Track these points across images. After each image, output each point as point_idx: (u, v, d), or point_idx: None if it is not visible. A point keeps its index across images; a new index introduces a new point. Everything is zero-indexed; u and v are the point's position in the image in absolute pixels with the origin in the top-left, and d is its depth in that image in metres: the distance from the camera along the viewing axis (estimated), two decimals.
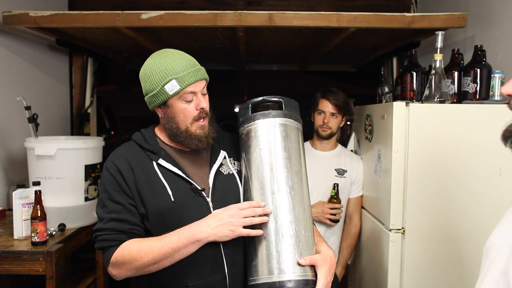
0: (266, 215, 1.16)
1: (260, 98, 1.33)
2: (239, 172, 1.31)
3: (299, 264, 1.11)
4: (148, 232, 1.22)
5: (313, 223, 1.28)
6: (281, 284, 1.09)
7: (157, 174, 1.23)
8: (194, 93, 1.22)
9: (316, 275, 1.13)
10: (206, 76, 1.27)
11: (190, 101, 1.23)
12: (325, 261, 1.14)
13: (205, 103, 1.24)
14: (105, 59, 3.13)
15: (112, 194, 1.21)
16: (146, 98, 1.27)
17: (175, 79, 1.19)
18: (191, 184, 1.23)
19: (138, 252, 1.14)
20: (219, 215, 1.15)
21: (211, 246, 1.23)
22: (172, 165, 1.24)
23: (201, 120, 1.25)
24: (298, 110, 1.33)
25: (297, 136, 1.28)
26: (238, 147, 1.34)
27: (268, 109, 1.30)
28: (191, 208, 1.19)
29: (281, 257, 1.12)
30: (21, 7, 2.04)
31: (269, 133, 1.24)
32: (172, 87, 1.20)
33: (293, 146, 1.24)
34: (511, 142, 0.72)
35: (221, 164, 1.31)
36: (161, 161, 1.24)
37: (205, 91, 1.26)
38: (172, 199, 1.20)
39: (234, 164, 1.34)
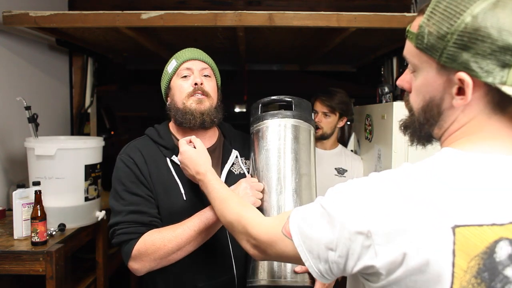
0: None
1: (270, 98, 1.33)
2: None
3: (295, 272, 1.11)
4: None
5: None
6: None
7: (171, 171, 1.23)
8: (190, 69, 1.26)
9: (314, 282, 1.14)
10: (208, 60, 1.30)
11: (186, 78, 1.26)
12: None
13: (200, 79, 1.25)
14: (105, 59, 3.12)
15: (129, 185, 1.19)
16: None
17: (174, 58, 1.29)
18: None
19: (161, 240, 1.11)
20: (235, 191, 1.15)
21: (221, 248, 1.23)
22: None
23: (198, 95, 1.24)
24: (310, 110, 1.32)
25: (306, 137, 1.26)
26: (249, 146, 1.34)
27: (281, 108, 1.29)
28: (203, 207, 1.18)
29: (279, 261, 1.12)
30: (21, 7, 2.04)
31: (277, 133, 1.22)
32: (171, 66, 1.28)
33: (301, 148, 1.22)
34: (409, 133, 0.78)
35: (233, 164, 1.31)
36: (175, 158, 1.24)
37: (208, 73, 1.29)
38: (184, 198, 1.20)
39: (246, 164, 1.34)
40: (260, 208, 1.16)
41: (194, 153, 1.15)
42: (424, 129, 0.74)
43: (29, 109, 1.94)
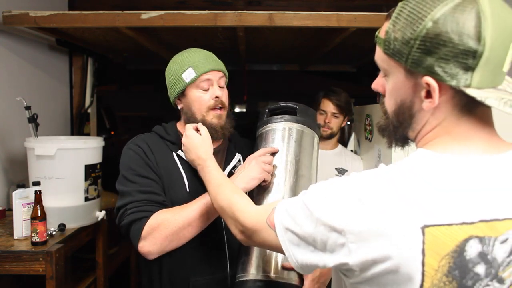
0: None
1: (277, 105, 1.36)
2: None
3: (284, 268, 1.11)
4: None
5: None
6: (262, 284, 1.09)
7: (176, 164, 1.26)
8: (209, 80, 1.25)
9: (303, 281, 1.14)
10: (224, 69, 1.29)
11: (206, 90, 1.25)
12: None
13: (220, 92, 1.26)
14: (105, 59, 3.12)
15: (138, 170, 1.21)
16: (168, 91, 1.31)
17: (191, 67, 1.24)
18: None
19: (172, 215, 1.13)
20: (243, 168, 1.18)
21: (216, 245, 1.24)
22: None
23: (218, 110, 1.26)
24: (315, 118, 1.36)
25: (309, 142, 1.28)
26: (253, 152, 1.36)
27: (287, 115, 1.31)
28: None
29: (269, 258, 1.12)
30: (21, 7, 2.04)
31: (280, 136, 1.25)
32: (188, 75, 1.24)
33: (303, 151, 1.24)
34: (386, 135, 0.80)
35: (235, 166, 1.34)
36: (181, 153, 1.27)
37: (222, 84, 1.29)
38: (188, 190, 1.23)
39: None
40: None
41: (198, 138, 1.19)
42: (398, 131, 0.76)
43: (29, 109, 1.94)
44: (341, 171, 2.09)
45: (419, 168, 0.65)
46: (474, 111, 0.66)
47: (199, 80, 1.24)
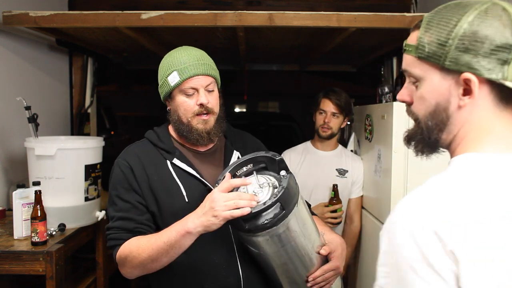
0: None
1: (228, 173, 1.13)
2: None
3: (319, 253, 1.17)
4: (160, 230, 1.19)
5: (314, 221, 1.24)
6: None
7: (172, 174, 1.22)
8: (194, 88, 1.21)
9: None
10: (212, 72, 1.25)
11: (190, 95, 1.22)
12: (335, 247, 1.22)
13: (206, 99, 1.21)
14: (105, 59, 3.12)
15: (121, 191, 1.20)
16: (158, 90, 1.30)
17: (176, 70, 1.21)
18: (205, 185, 1.22)
19: (136, 249, 1.11)
20: (202, 203, 1.06)
21: (226, 249, 1.22)
22: (187, 165, 1.23)
23: (204, 115, 1.23)
24: (295, 190, 1.09)
25: (299, 222, 1.09)
26: (251, 146, 1.32)
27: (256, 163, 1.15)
28: None
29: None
30: (21, 7, 2.04)
31: (270, 245, 1.10)
32: (173, 79, 1.21)
33: (298, 236, 1.10)
34: (414, 143, 0.78)
35: None
36: (176, 161, 1.23)
37: (211, 88, 1.25)
38: (187, 200, 1.19)
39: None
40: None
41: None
42: (432, 134, 0.74)
43: (29, 109, 1.94)
44: (342, 172, 2.09)
45: (484, 176, 0.64)
46: (509, 106, 0.69)
47: (183, 85, 1.20)
